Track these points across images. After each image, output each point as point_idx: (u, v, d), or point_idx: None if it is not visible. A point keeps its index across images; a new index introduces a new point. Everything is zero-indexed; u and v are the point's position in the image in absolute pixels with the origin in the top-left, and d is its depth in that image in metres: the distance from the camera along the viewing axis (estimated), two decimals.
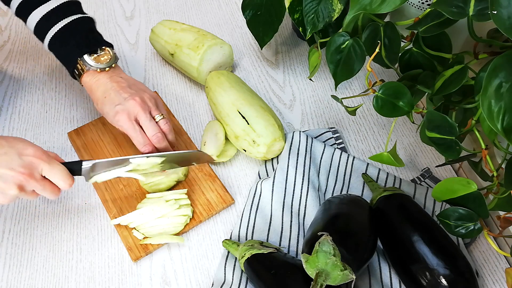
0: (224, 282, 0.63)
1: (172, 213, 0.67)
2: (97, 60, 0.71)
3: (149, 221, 0.66)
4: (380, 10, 0.51)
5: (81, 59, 0.71)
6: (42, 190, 0.61)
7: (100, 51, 0.72)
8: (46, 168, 0.60)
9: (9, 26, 1.03)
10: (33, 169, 0.59)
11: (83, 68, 0.71)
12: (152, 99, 0.72)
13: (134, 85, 0.72)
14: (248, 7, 0.83)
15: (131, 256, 0.66)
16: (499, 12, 0.41)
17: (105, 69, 0.71)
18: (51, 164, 0.60)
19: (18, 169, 0.58)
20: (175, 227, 0.67)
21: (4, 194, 0.58)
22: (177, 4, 1.07)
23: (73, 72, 0.73)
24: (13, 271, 0.66)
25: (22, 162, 0.58)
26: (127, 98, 0.69)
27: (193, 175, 0.74)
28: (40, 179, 0.60)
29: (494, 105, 0.43)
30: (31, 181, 0.59)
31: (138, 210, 0.67)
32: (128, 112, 0.68)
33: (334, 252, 0.51)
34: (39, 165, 0.60)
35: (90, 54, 0.71)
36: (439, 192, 0.59)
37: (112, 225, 0.69)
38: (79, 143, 0.78)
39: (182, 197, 0.69)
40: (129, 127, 0.68)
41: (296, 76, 0.91)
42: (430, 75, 0.59)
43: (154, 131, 0.69)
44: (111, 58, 0.72)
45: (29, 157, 0.59)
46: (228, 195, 0.72)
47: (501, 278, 0.64)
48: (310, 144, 0.75)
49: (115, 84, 0.71)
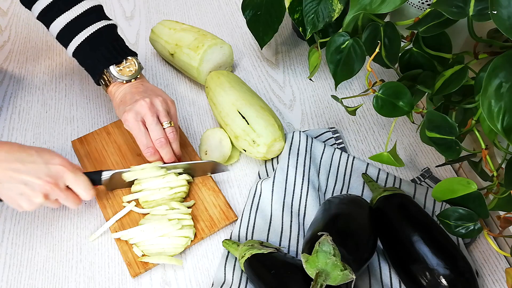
0: (224, 282, 0.63)
1: (174, 233, 0.65)
2: (123, 72, 0.73)
3: (150, 239, 0.64)
4: (380, 10, 0.51)
5: (107, 71, 0.72)
6: (65, 199, 0.63)
7: (125, 62, 0.73)
8: (71, 178, 0.62)
9: (9, 26, 1.03)
10: (59, 178, 0.62)
11: (110, 79, 0.73)
12: (164, 104, 0.71)
13: (151, 90, 0.73)
14: (248, 7, 0.83)
15: (130, 272, 0.64)
16: (499, 12, 0.41)
17: (130, 80, 0.73)
18: (76, 175, 0.63)
19: (45, 178, 0.60)
20: (175, 248, 0.65)
21: (31, 202, 0.60)
22: (177, 4, 1.07)
23: (99, 81, 0.74)
24: (13, 271, 0.66)
25: (49, 172, 0.61)
26: (137, 100, 0.69)
27: (196, 190, 0.73)
28: (64, 189, 0.63)
29: (494, 105, 0.43)
30: (56, 190, 0.61)
31: (140, 226, 0.66)
32: (136, 112, 0.68)
33: (334, 252, 0.51)
34: (64, 175, 0.62)
35: (116, 65, 0.73)
36: (439, 192, 0.59)
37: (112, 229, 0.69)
38: (83, 152, 0.78)
39: (185, 217, 0.67)
40: (135, 127, 0.68)
41: (296, 76, 0.91)
42: (430, 75, 0.59)
43: (158, 135, 0.69)
44: (136, 70, 0.74)
45: (56, 166, 0.61)
46: (231, 211, 0.70)
47: (501, 278, 0.64)
48: (310, 144, 0.75)
49: (133, 89, 0.72)
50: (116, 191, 0.72)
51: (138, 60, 0.75)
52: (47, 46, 0.98)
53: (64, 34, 0.74)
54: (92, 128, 0.83)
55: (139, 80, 0.74)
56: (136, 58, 0.75)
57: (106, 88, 0.74)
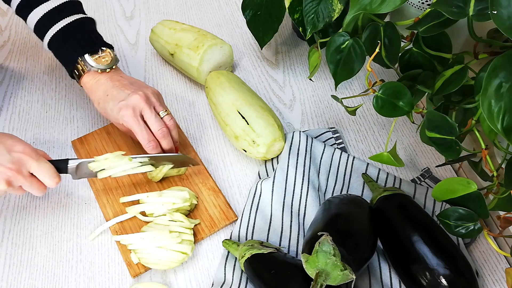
0: (224, 282, 0.63)
1: (172, 246, 0.64)
2: (98, 61, 0.71)
3: (148, 248, 0.64)
4: (380, 10, 0.51)
5: (82, 59, 0.71)
6: (29, 186, 0.62)
7: (101, 52, 0.72)
8: (34, 165, 0.61)
9: (9, 26, 1.03)
10: (22, 165, 0.61)
11: (84, 68, 0.71)
12: (155, 95, 0.72)
13: (136, 83, 0.73)
14: (248, 7, 0.83)
15: (130, 272, 0.64)
16: (499, 12, 0.41)
17: (105, 70, 0.72)
18: (39, 162, 0.62)
19: (7, 164, 0.60)
20: (171, 262, 0.64)
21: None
22: (177, 4, 1.07)
23: (72, 72, 0.73)
24: (13, 271, 0.66)
25: (11, 158, 0.60)
26: (130, 94, 0.69)
27: (196, 190, 0.73)
28: (28, 176, 0.62)
29: (494, 105, 0.43)
30: (19, 177, 0.61)
31: (140, 233, 0.65)
32: (133, 107, 0.68)
33: (334, 252, 0.51)
34: (27, 162, 0.61)
35: (91, 55, 0.71)
36: (439, 192, 0.59)
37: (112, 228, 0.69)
38: (83, 152, 0.78)
39: (186, 232, 0.66)
40: (134, 123, 0.68)
41: (296, 76, 0.91)
42: (430, 75, 0.59)
43: (159, 126, 0.69)
44: (112, 59, 0.73)
45: (18, 154, 0.61)
46: (231, 211, 0.70)
47: (501, 278, 0.64)
48: (310, 144, 0.75)
49: (116, 83, 0.71)
50: (116, 190, 0.72)
51: (114, 52, 0.74)
52: None
53: (41, 26, 0.73)
54: (92, 128, 0.83)
55: (115, 72, 0.73)
56: (113, 50, 0.74)
57: (79, 79, 0.73)
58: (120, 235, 0.66)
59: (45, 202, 0.73)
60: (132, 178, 0.74)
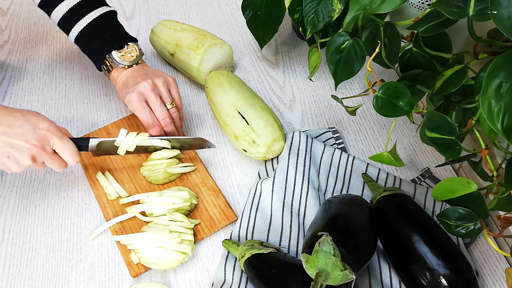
0: (224, 282, 0.63)
1: (172, 246, 0.64)
2: (124, 58, 0.75)
3: (148, 248, 0.64)
4: (380, 10, 0.51)
5: (109, 56, 0.75)
6: (51, 163, 0.65)
7: (126, 47, 0.76)
8: (57, 143, 0.64)
9: (9, 26, 1.03)
10: (46, 142, 0.63)
11: (112, 64, 0.75)
12: (166, 84, 0.74)
13: (150, 73, 0.75)
14: (248, 7, 0.83)
15: (130, 272, 0.64)
16: (499, 12, 0.41)
17: (131, 66, 0.75)
18: (62, 140, 0.64)
19: (32, 141, 0.62)
20: (171, 262, 0.64)
21: (18, 164, 0.62)
22: (177, 4, 1.07)
23: (101, 66, 0.76)
24: (13, 271, 0.66)
25: (36, 136, 0.62)
26: (139, 82, 0.71)
27: (196, 190, 0.73)
28: (51, 153, 0.64)
29: (494, 105, 0.43)
30: (43, 154, 0.63)
31: (140, 233, 0.65)
32: (139, 92, 0.71)
33: (334, 252, 0.51)
34: (51, 140, 0.64)
35: (118, 50, 0.75)
36: (439, 192, 0.59)
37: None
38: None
39: (186, 232, 0.66)
40: (139, 107, 0.71)
41: (296, 76, 0.91)
42: (430, 75, 0.59)
43: (163, 115, 0.72)
44: (137, 55, 0.76)
45: (43, 131, 0.63)
46: (231, 211, 0.70)
47: (501, 278, 0.64)
48: (310, 144, 0.75)
49: (134, 73, 0.74)
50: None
51: (139, 46, 0.77)
52: (47, 46, 0.98)
53: (66, 21, 0.76)
54: (92, 128, 0.83)
55: (141, 65, 0.76)
56: (137, 44, 0.77)
57: (108, 74, 0.77)
58: (120, 235, 0.66)
59: (45, 202, 0.73)
60: (133, 178, 0.74)
